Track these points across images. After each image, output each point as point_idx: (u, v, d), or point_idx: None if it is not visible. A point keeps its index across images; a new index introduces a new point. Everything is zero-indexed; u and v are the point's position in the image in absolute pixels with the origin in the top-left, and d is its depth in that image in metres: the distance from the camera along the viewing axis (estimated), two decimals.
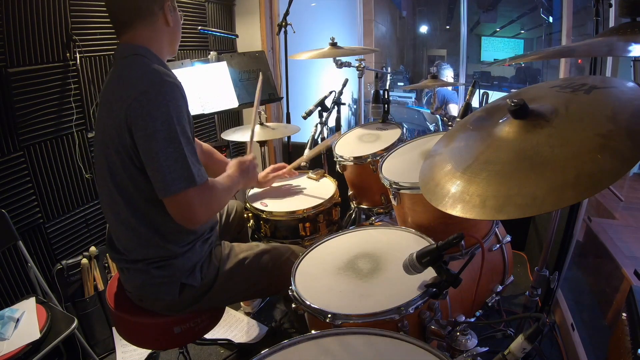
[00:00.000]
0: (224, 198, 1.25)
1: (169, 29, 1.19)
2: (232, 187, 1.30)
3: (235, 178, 1.33)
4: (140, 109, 1.03)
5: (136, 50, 1.12)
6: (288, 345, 0.86)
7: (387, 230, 1.33)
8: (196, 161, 1.10)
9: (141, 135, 1.04)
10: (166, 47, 1.21)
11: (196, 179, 1.07)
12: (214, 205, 1.19)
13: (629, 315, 1.15)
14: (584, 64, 2.58)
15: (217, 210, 1.33)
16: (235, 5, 2.94)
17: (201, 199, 1.10)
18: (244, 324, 2.02)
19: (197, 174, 1.08)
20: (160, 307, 1.26)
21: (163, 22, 1.16)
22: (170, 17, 1.17)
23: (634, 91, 0.78)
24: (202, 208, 1.11)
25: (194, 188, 1.07)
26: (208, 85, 2.19)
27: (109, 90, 1.13)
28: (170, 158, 1.04)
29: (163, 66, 1.16)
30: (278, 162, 3.15)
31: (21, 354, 1.34)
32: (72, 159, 1.88)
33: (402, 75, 7.07)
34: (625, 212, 1.95)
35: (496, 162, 0.80)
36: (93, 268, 1.89)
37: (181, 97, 1.10)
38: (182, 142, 1.05)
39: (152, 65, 1.10)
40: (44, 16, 1.70)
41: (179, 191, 1.06)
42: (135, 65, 1.11)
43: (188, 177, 1.06)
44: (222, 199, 1.25)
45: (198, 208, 1.10)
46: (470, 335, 0.94)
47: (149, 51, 1.14)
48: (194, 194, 1.08)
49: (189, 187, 1.06)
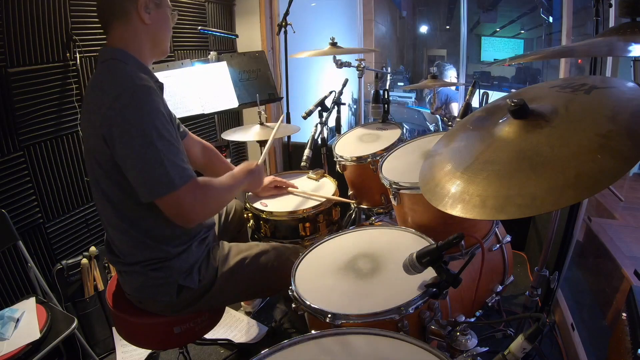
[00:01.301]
0: (223, 196, 1.24)
1: (147, 28, 1.14)
2: (234, 186, 1.28)
3: (240, 178, 1.32)
4: (115, 116, 1.02)
5: (113, 54, 1.11)
6: (288, 345, 0.86)
7: (387, 230, 1.33)
8: (180, 161, 1.08)
9: (117, 142, 1.02)
10: (148, 48, 1.17)
11: (176, 182, 1.05)
12: (210, 203, 1.17)
13: (629, 315, 1.15)
14: (584, 64, 2.57)
15: (216, 207, 1.30)
16: (235, 5, 2.94)
17: (191, 198, 1.08)
18: (244, 324, 2.02)
19: (179, 176, 1.06)
20: (159, 308, 1.26)
21: (139, 21, 1.12)
22: (146, 15, 1.12)
23: (634, 91, 0.78)
24: (195, 206, 1.09)
25: (179, 190, 1.05)
26: (208, 85, 2.19)
27: (88, 98, 1.12)
28: (147, 164, 1.03)
29: (141, 69, 1.13)
30: (278, 162, 3.16)
31: (21, 354, 1.34)
32: (72, 159, 1.88)
33: (402, 75, 7.06)
34: (625, 212, 1.95)
35: (496, 162, 0.80)
36: (93, 268, 1.89)
37: (156, 99, 1.07)
38: (158, 146, 1.03)
39: (125, 70, 1.08)
40: (44, 16, 1.70)
41: (162, 195, 1.05)
42: (109, 71, 1.09)
43: (168, 182, 1.04)
44: (221, 197, 1.23)
45: (189, 207, 1.08)
46: (470, 335, 0.94)
47: (126, 54, 1.12)
48: (181, 195, 1.06)
49: (171, 191, 1.05)
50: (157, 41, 1.18)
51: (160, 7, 1.15)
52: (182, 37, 2.51)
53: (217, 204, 1.24)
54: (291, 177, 1.87)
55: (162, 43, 1.20)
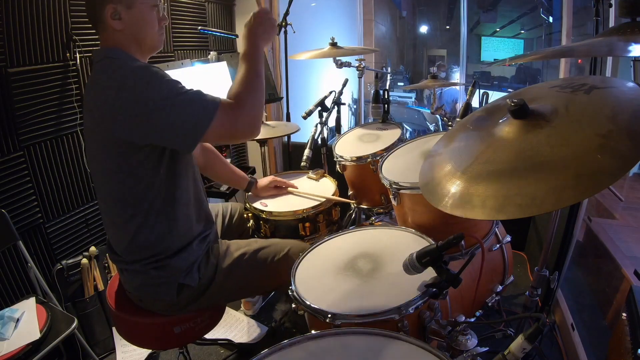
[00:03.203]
0: (256, 81, 1.14)
1: (123, 32, 1.11)
2: (255, 58, 1.17)
3: (252, 39, 1.18)
4: (127, 102, 1.02)
5: (107, 53, 1.10)
6: (288, 345, 0.86)
7: (387, 230, 1.33)
8: (203, 95, 1.07)
9: (138, 121, 1.02)
10: (134, 47, 1.14)
11: (210, 107, 1.04)
12: (251, 105, 1.11)
13: (629, 315, 1.15)
14: (584, 64, 2.57)
15: (259, 103, 1.16)
16: (235, 5, 2.93)
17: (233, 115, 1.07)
18: (244, 324, 2.02)
19: (211, 101, 1.06)
20: (160, 307, 1.26)
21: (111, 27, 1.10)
22: (116, 22, 1.09)
23: (634, 91, 0.78)
24: (243, 117, 1.08)
25: (215, 120, 1.04)
26: (208, 85, 2.19)
27: (88, 97, 1.12)
28: (179, 115, 1.02)
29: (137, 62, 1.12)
30: (278, 162, 3.16)
31: (21, 354, 1.34)
32: (72, 159, 1.88)
33: (402, 75, 7.07)
34: (625, 212, 1.95)
35: (496, 162, 0.80)
36: (93, 268, 1.89)
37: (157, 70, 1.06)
38: (181, 98, 1.03)
39: (120, 63, 1.08)
40: (44, 16, 1.69)
41: (206, 127, 1.04)
42: (106, 68, 1.09)
43: (205, 111, 1.04)
44: (255, 82, 1.14)
45: (239, 123, 1.08)
46: (470, 335, 0.94)
47: (119, 51, 1.11)
48: (222, 114, 1.05)
49: (212, 116, 1.04)
50: (140, 40, 1.15)
51: (132, 7, 1.10)
52: (182, 37, 2.51)
53: (256, 92, 1.14)
54: (291, 177, 1.87)
55: (146, 40, 1.15)
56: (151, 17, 1.14)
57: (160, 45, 1.21)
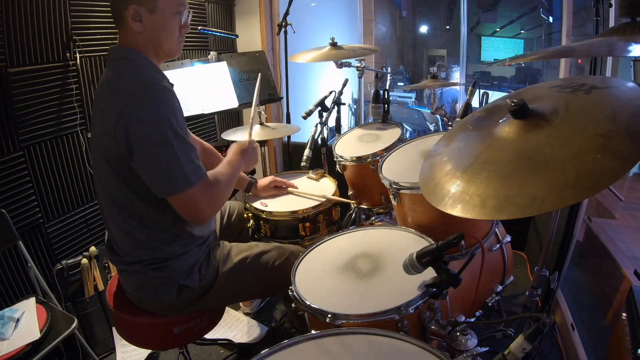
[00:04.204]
0: (228, 188, 1.24)
1: (142, 35, 1.11)
2: (234, 173, 1.28)
3: (236, 162, 1.30)
4: (131, 115, 1.02)
5: (125, 54, 1.11)
6: (288, 345, 0.86)
7: (387, 230, 1.33)
8: (195, 158, 1.10)
9: (134, 141, 1.03)
10: (151, 50, 1.15)
11: (191, 179, 1.07)
12: (219, 199, 1.18)
13: (629, 315, 1.15)
14: (584, 64, 2.57)
15: (223, 202, 1.26)
16: (235, 5, 2.94)
17: (204, 195, 1.10)
18: (244, 324, 2.02)
19: (193, 173, 1.08)
20: (159, 308, 1.26)
21: (131, 28, 1.10)
22: (137, 23, 1.10)
23: (634, 91, 0.78)
24: (206, 204, 1.11)
25: (192, 188, 1.07)
26: (208, 85, 2.19)
27: (100, 96, 1.12)
28: (164, 161, 1.04)
29: (153, 68, 1.14)
30: (278, 162, 3.16)
31: (21, 354, 1.34)
32: (72, 159, 1.88)
33: (402, 75, 7.07)
34: (625, 212, 1.95)
35: (496, 162, 0.80)
36: (93, 268, 1.89)
37: (171, 98, 1.08)
38: (174, 145, 1.04)
39: (140, 69, 1.09)
40: (44, 16, 1.70)
41: (178, 192, 1.07)
42: (123, 69, 1.09)
43: (184, 179, 1.06)
44: (226, 190, 1.23)
45: (202, 205, 1.10)
46: (470, 335, 0.94)
47: (137, 53, 1.12)
48: (194, 193, 1.08)
49: (185, 189, 1.06)
50: (158, 45, 1.15)
51: (154, 12, 1.10)
52: None
53: (223, 198, 1.23)
54: (291, 177, 1.87)
55: (164, 46, 1.16)
56: (172, 25, 1.15)
57: (178, 52, 1.22)
